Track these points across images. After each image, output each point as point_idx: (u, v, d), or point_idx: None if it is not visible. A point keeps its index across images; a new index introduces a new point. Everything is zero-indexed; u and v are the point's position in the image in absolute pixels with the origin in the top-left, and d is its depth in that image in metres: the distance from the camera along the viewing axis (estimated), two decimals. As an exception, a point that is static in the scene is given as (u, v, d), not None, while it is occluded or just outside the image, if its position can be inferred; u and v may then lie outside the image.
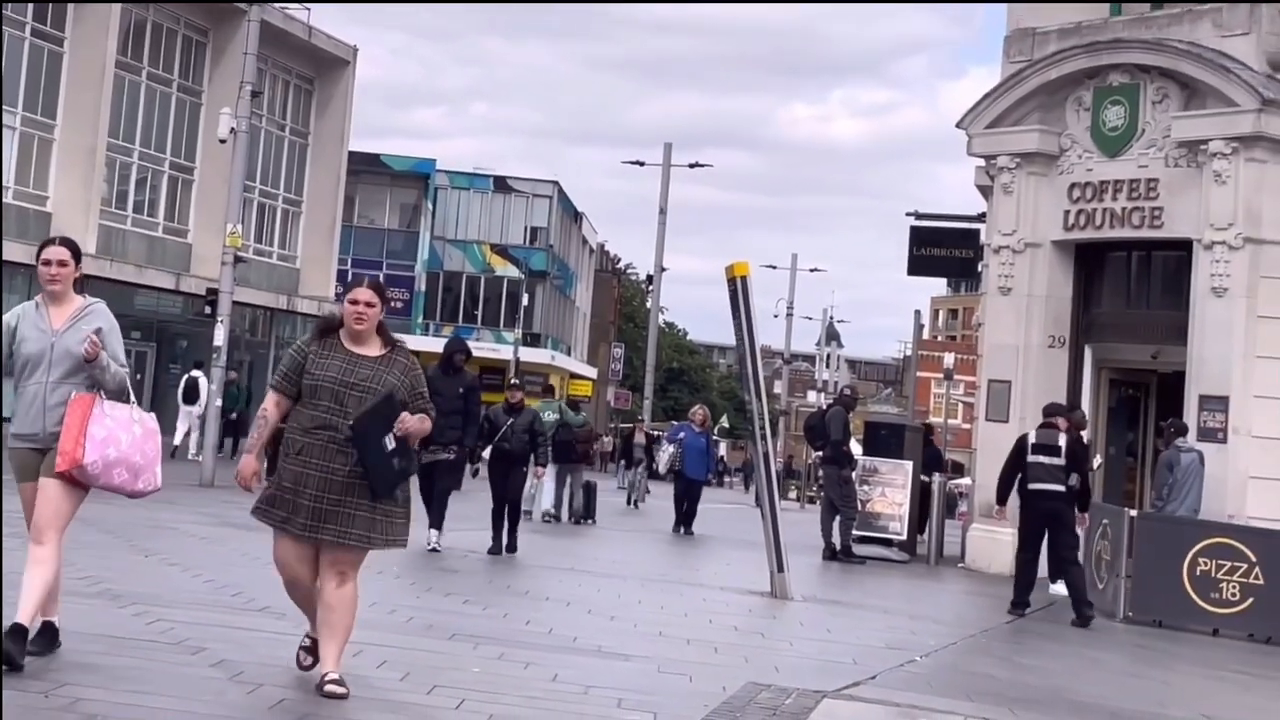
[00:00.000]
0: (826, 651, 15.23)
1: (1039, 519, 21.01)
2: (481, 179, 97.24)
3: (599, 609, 16.70)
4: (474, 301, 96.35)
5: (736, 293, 20.32)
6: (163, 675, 10.10)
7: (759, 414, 20.60)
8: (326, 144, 70.26)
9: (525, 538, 22.81)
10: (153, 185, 60.47)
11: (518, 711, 9.94)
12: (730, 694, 11.35)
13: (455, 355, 22.77)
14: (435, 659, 11.91)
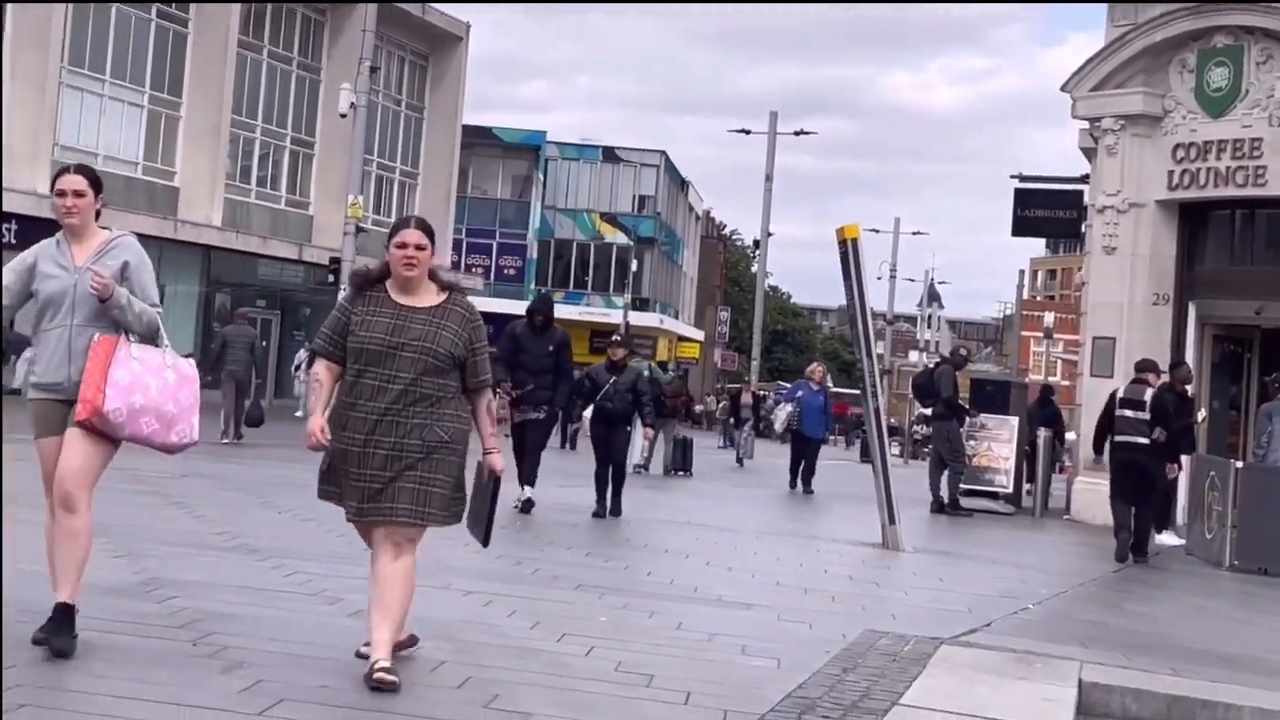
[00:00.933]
0: (940, 600, 15.16)
1: (1124, 470, 21.34)
2: (590, 149, 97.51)
3: (717, 561, 16.68)
4: (584, 268, 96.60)
5: (847, 254, 20.22)
6: (302, 624, 10.16)
7: (869, 371, 20.52)
8: (441, 118, 70.57)
9: (633, 493, 22.59)
10: (275, 160, 60.84)
11: (645, 658, 9.92)
12: (850, 641, 11.31)
13: (535, 315, 21.29)
14: (562, 609, 11.90)
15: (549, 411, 21.01)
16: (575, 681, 8.96)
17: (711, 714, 8.29)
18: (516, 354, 20.64)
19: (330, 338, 9.04)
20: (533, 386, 20.46)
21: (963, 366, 31.23)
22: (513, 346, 20.78)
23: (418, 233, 9.07)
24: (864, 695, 9.05)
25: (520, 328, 21.10)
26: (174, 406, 8.97)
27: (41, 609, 9.56)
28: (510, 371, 20.36)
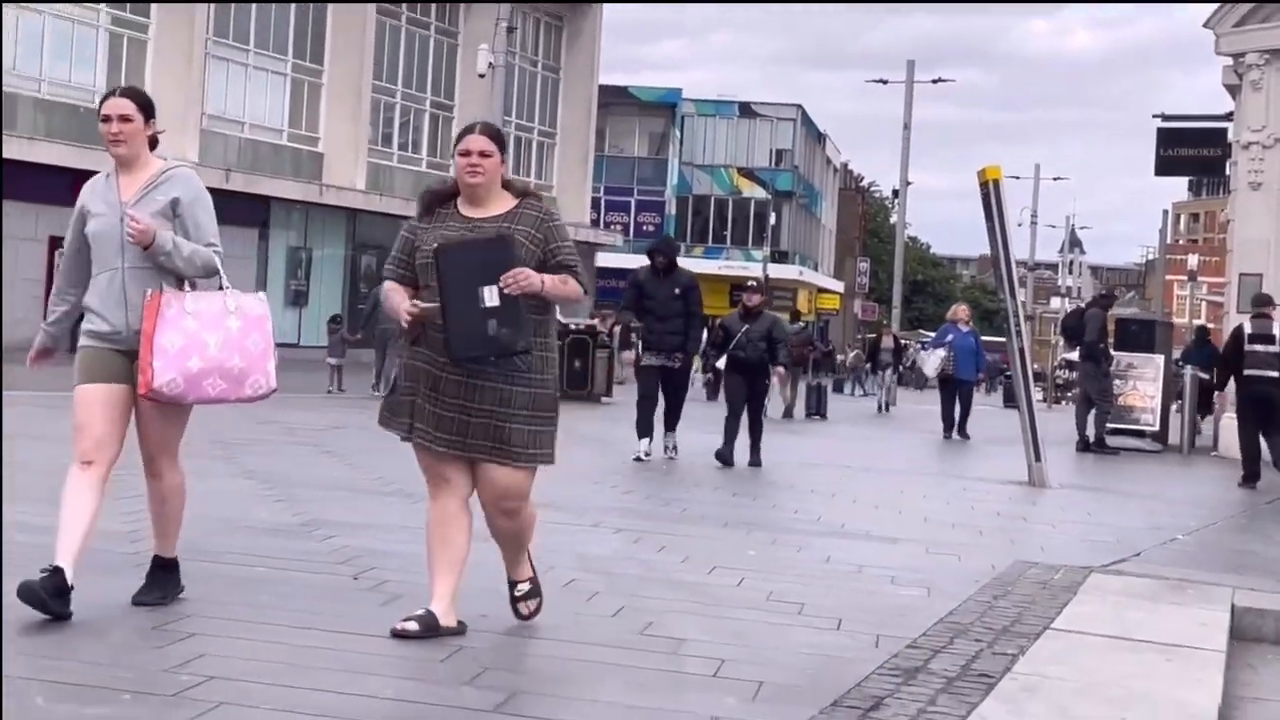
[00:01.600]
0: (1089, 533, 15.10)
1: (1254, 401, 21.97)
2: (727, 105, 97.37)
3: (863, 499, 16.74)
4: (723, 222, 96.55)
5: (989, 196, 20.13)
6: (461, 560, 10.31)
7: (1013, 312, 20.43)
8: (577, 78, 70.64)
9: (775, 437, 22.49)
10: (415, 124, 61.16)
11: (795, 588, 9.99)
12: (999, 571, 11.31)
13: (656, 256, 20.25)
14: (711, 544, 12.00)
15: (684, 359, 20.01)
16: (726, 610, 9.05)
17: (863, 639, 8.36)
18: (641, 300, 19.79)
19: (397, 259, 8.17)
20: (661, 330, 19.53)
21: (1110, 308, 31.15)
22: (636, 293, 19.94)
23: (482, 138, 8.03)
24: (1015, 621, 9.08)
25: (643, 273, 20.22)
26: (241, 359, 8.10)
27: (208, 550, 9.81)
28: (639, 320, 19.88)
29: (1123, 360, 30.17)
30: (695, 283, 20.45)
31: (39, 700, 5.95)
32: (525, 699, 6.50)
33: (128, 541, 9.87)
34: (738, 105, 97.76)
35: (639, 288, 19.98)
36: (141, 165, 8.18)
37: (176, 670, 6.55)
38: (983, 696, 6.96)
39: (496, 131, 8.23)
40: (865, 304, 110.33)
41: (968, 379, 31.56)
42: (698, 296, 20.04)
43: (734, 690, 6.94)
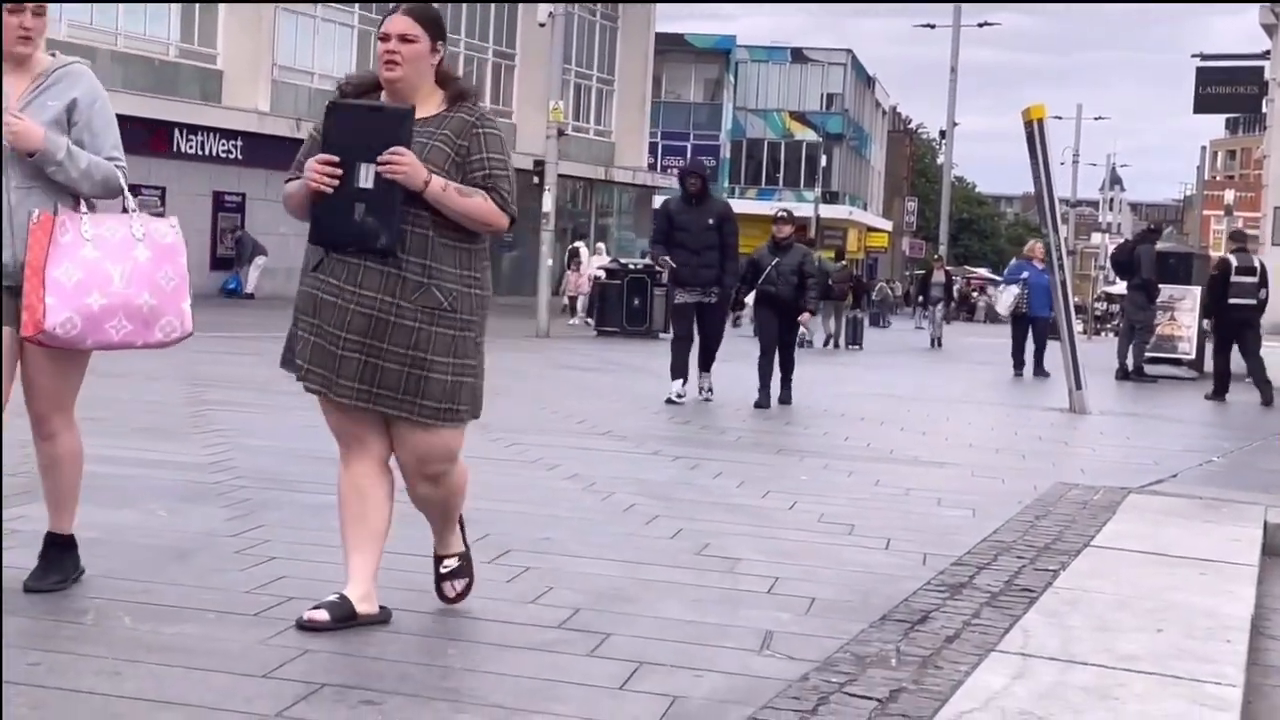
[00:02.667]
0: (1128, 456, 15.15)
1: (1234, 326, 23.87)
2: (779, 51, 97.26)
3: (910, 426, 16.76)
4: (775, 165, 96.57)
5: (1033, 134, 20.08)
6: (525, 487, 10.38)
7: (1055, 246, 20.48)
8: (634, 27, 70.48)
9: (828, 368, 22.42)
10: (478, 72, 61.12)
11: (845, 510, 10.04)
12: (1041, 492, 11.34)
13: (688, 179, 18.34)
14: (765, 470, 12.07)
15: (720, 294, 17.98)
16: (780, 531, 9.11)
17: (911, 557, 8.41)
18: (672, 232, 17.98)
19: (298, 162, 6.42)
20: (695, 263, 17.71)
21: (1157, 242, 31.17)
22: (666, 225, 18.17)
23: (405, 19, 6.35)
24: (1056, 539, 9.12)
25: (673, 202, 18.48)
26: (151, 296, 6.47)
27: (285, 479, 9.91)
28: (668, 253, 18.04)
29: (1163, 292, 30.12)
30: (731, 212, 18.59)
31: (126, 620, 6.03)
32: (587, 615, 6.58)
33: (209, 472, 9.99)
34: (789, 51, 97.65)
35: (669, 218, 18.26)
36: (33, 64, 6.56)
37: (257, 591, 6.65)
38: (1025, 609, 7.01)
39: (426, 12, 6.51)
40: (913, 241, 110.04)
41: (1043, 315, 29.12)
42: (734, 227, 18.13)
43: (787, 606, 7.00)
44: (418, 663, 5.67)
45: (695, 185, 18.07)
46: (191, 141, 45.35)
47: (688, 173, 18.58)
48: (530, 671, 5.65)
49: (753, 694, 5.49)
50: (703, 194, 18.19)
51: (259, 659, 5.57)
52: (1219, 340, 24.35)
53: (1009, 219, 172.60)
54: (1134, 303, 29.33)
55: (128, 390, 15.37)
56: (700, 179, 18.31)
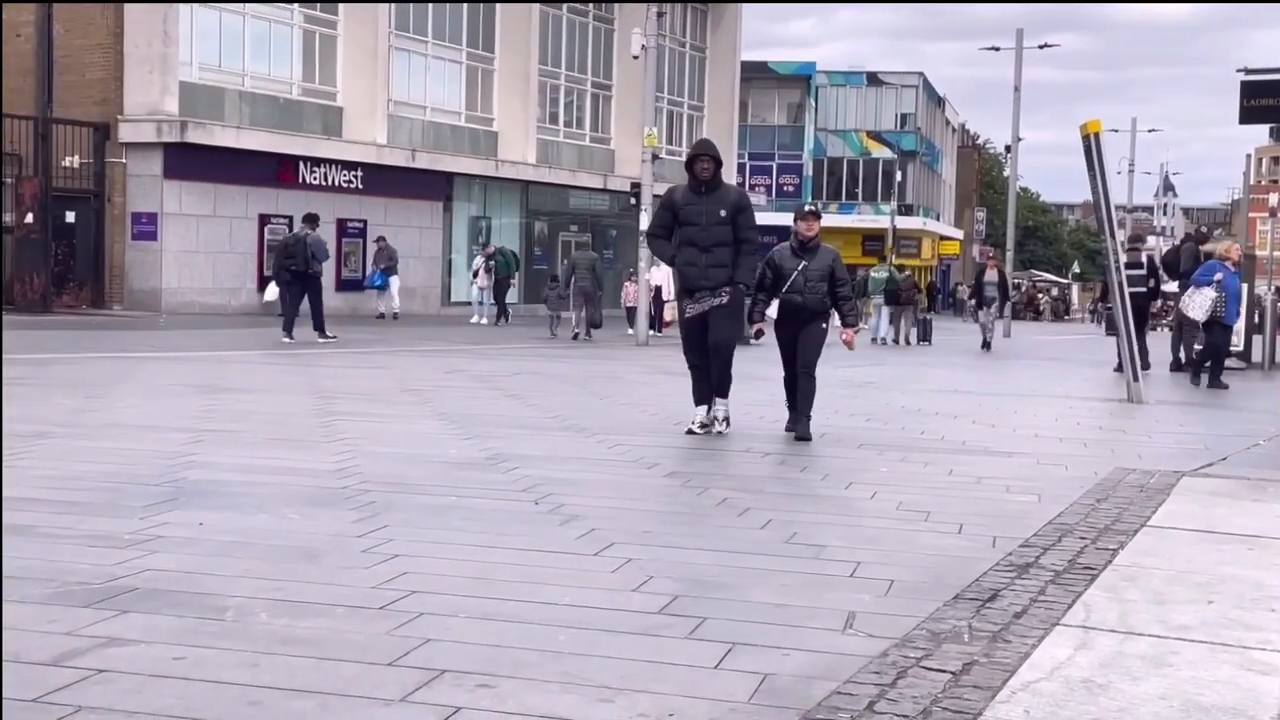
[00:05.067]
0: (1181, 441, 15.07)
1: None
2: (856, 76, 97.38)
3: (981, 420, 16.68)
4: (854, 181, 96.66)
5: (1091, 147, 19.98)
6: (627, 484, 10.42)
7: (1112, 250, 20.40)
8: (721, 56, 70.58)
9: (895, 367, 22.21)
10: (578, 103, 61.33)
11: (922, 498, 10.04)
12: (1101, 477, 11.32)
13: (696, 162, 13.95)
14: (847, 463, 12.05)
15: (732, 294, 13.83)
16: (862, 519, 9.12)
17: (982, 540, 8.40)
18: (677, 226, 14.04)
19: None
20: (705, 262, 13.76)
21: (1205, 242, 31.01)
22: (668, 216, 14.15)
23: None
24: (1115, 520, 9.10)
25: (679, 191, 14.20)
26: None
27: (408, 482, 10.00)
28: (673, 251, 14.11)
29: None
30: (747, 201, 14.36)
31: (263, 616, 6.11)
32: (685, 601, 6.61)
33: (337, 477, 10.07)
34: (865, 75, 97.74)
35: (672, 209, 14.13)
36: None
37: (383, 587, 6.70)
38: (1087, 585, 7.01)
39: None
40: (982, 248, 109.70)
41: (1230, 324, 25.75)
42: (751, 219, 14.00)
43: (869, 588, 7.02)
44: (531, 648, 5.71)
45: (706, 170, 13.92)
46: (316, 173, 45.78)
47: (695, 157, 14.05)
48: (634, 654, 5.69)
49: (837, 670, 5.52)
50: (714, 180, 13.98)
51: (384, 649, 5.63)
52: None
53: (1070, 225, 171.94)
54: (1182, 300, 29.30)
55: (261, 404, 15.57)
56: (713, 161, 14.00)
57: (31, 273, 39.74)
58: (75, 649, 5.47)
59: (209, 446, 11.60)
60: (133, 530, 7.86)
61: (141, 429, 12.75)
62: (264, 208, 44.47)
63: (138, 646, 5.54)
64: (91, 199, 41.95)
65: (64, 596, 6.30)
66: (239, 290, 43.72)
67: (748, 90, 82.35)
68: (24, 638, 5.61)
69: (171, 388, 17.39)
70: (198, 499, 8.94)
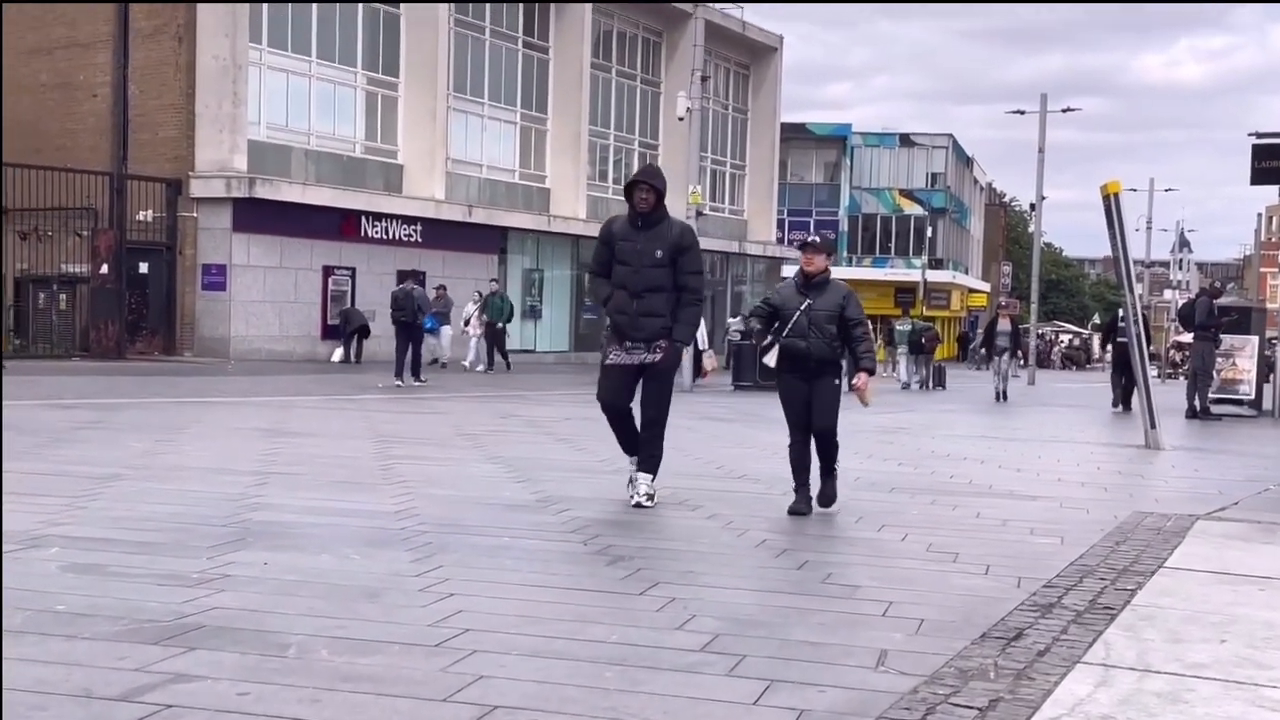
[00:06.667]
0: (1196, 486, 15.00)
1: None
2: (889, 137, 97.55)
3: (1006, 464, 16.62)
4: (887, 236, 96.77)
5: (1110, 206, 19.97)
6: (671, 525, 10.40)
7: (1131, 304, 20.39)
8: (761, 118, 70.76)
9: (925, 414, 22.12)
10: (626, 161, 61.48)
11: (951, 540, 10.01)
12: (1120, 520, 11.29)
13: (635, 190, 11.23)
14: (879, 506, 12.01)
15: (665, 353, 11.26)
16: (894, 560, 9.09)
17: (1007, 581, 8.37)
18: (611, 262, 11.39)
19: None
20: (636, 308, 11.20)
21: (1218, 297, 31.13)
22: (605, 253, 11.46)
23: None
24: (1134, 561, 9.07)
25: (618, 223, 11.47)
26: None
27: (463, 524, 9.99)
28: (606, 291, 11.49)
29: (1225, 341, 30.07)
30: (692, 239, 11.47)
31: (324, 653, 6.11)
32: (726, 640, 6.59)
33: (395, 519, 10.08)
34: (898, 136, 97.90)
35: (609, 244, 11.47)
36: None
37: (438, 625, 6.70)
38: (1107, 625, 6.98)
39: None
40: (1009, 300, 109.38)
41: None
42: (694, 260, 11.35)
43: (900, 626, 6.99)
44: (578, 685, 5.70)
45: (645, 201, 11.19)
46: (377, 227, 45.99)
47: (634, 184, 11.30)
48: (677, 690, 5.68)
49: (870, 706, 5.50)
50: (655, 214, 11.23)
51: (439, 685, 5.63)
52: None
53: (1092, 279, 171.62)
54: (1195, 351, 29.52)
55: (324, 448, 15.60)
56: (654, 191, 11.21)
57: (107, 321, 40.00)
58: (144, 684, 5.48)
59: (273, 489, 11.64)
60: (200, 569, 7.89)
61: (209, 471, 12.80)
62: (328, 260, 44.68)
63: (204, 682, 5.55)
64: (164, 251, 42.22)
65: (134, 633, 6.32)
66: (303, 338, 43.90)
67: (787, 150, 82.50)
68: (95, 673, 5.63)
69: (238, 432, 17.45)
70: (262, 539, 8.96)
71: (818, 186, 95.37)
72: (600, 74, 58.21)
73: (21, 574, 7.62)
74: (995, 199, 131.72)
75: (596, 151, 58.76)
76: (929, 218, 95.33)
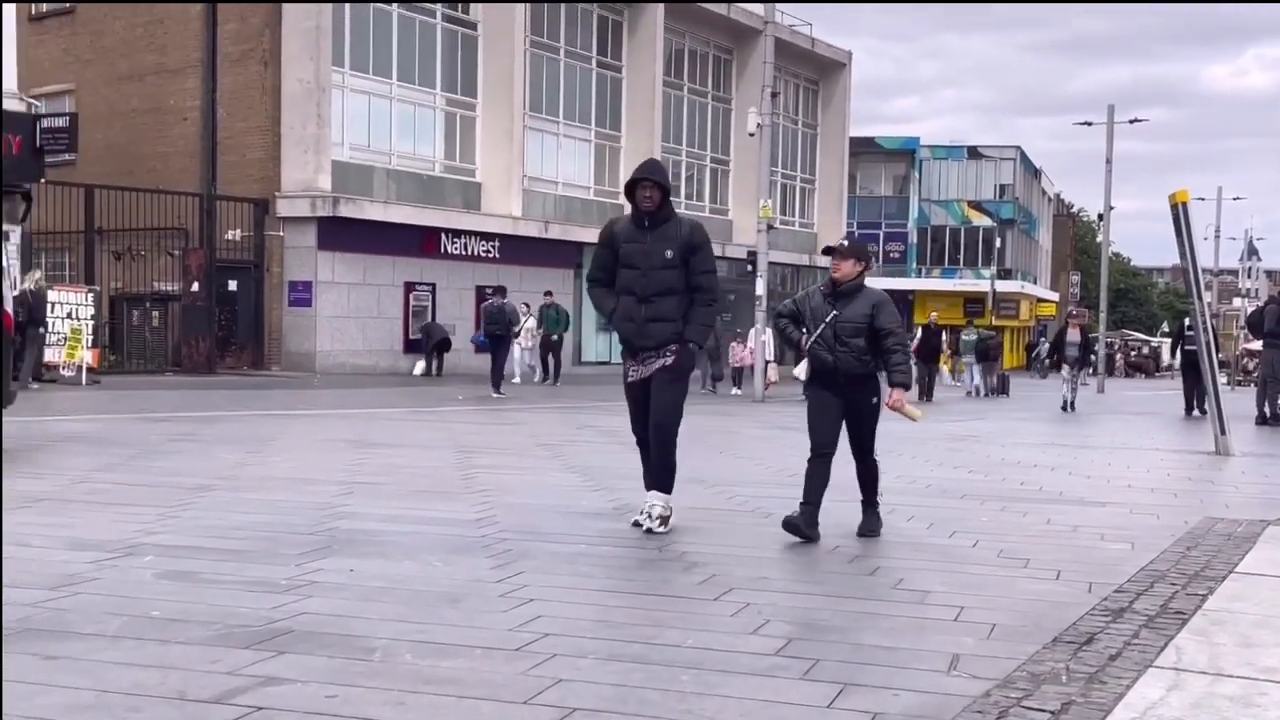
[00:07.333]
0: (1267, 491, 14.86)
1: None
2: (957, 150, 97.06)
3: (1077, 471, 16.50)
4: (956, 248, 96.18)
5: (1179, 216, 19.81)
6: (744, 533, 10.39)
7: (1201, 312, 20.21)
8: (831, 132, 70.65)
9: (993, 421, 21.90)
10: (698, 177, 61.51)
11: (1021, 546, 9.95)
12: (1191, 526, 11.19)
13: (637, 188, 10.19)
14: (950, 513, 11.95)
15: (677, 355, 10.25)
16: (964, 566, 9.04)
17: (1078, 586, 8.31)
18: (615, 267, 10.47)
19: None
20: (645, 313, 10.21)
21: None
22: (608, 256, 10.54)
23: None
24: (1205, 567, 8.98)
25: (620, 224, 10.52)
26: None
27: (542, 531, 9.99)
28: (613, 299, 10.57)
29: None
30: (702, 236, 10.39)
31: (408, 656, 6.14)
32: (800, 644, 6.58)
33: (476, 527, 10.13)
34: (966, 149, 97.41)
35: (611, 246, 10.51)
36: None
37: (518, 629, 6.72)
38: (1178, 630, 6.92)
39: None
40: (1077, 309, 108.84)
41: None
42: (706, 260, 10.34)
43: (971, 631, 6.96)
44: (655, 688, 5.70)
45: (650, 199, 10.19)
46: (456, 243, 46.16)
47: (636, 182, 10.26)
48: (752, 694, 5.67)
49: (943, 709, 5.47)
50: (661, 213, 10.24)
51: (520, 688, 5.64)
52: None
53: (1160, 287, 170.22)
54: (1265, 359, 29.06)
55: (407, 458, 15.67)
56: (658, 188, 10.20)
57: (197, 337, 40.29)
58: (236, 687, 5.53)
59: (359, 498, 11.70)
60: (289, 576, 7.94)
61: (297, 482, 12.88)
62: (409, 276, 44.88)
63: (293, 685, 5.59)
64: (252, 269, 42.51)
65: (225, 638, 6.37)
66: (386, 352, 44.11)
67: (856, 164, 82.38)
68: (189, 676, 5.68)
69: (324, 443, 17.55)
70: (348, 547, 9.02)
71: (887, 199, 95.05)
72: (672, 91, 58.26)
73: (118, 581, 7.70)
74: (1063, 209, 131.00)
75: (669, 167, 58.65)
76: (997, 229, 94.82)
